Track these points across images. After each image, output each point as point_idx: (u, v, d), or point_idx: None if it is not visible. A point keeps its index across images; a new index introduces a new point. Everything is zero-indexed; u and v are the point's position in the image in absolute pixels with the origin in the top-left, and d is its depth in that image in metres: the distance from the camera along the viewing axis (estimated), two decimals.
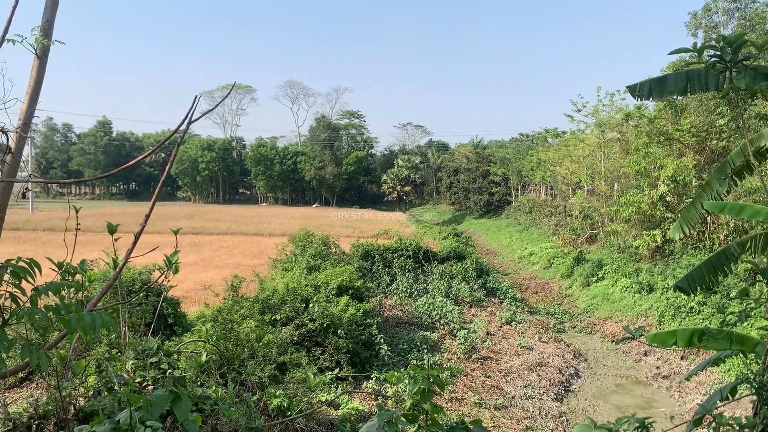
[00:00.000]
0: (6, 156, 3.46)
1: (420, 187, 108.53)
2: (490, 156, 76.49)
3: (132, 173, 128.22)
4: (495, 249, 47.40)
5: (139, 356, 5.53)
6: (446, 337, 18.71)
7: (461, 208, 78.64)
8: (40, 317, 2.78)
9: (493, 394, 14.96)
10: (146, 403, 3.01)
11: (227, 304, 13.86)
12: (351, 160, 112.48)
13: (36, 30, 3.83)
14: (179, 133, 4.04)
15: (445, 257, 26.98)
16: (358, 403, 12.36)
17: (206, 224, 54.41)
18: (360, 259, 25.24)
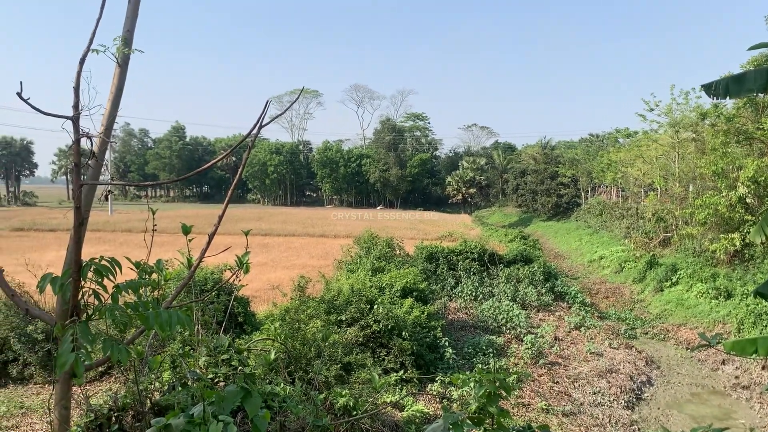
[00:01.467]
0: (90, 160, 3.66)
1: (485, 189, 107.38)
2: (558, 157, 74.81)
3: (204, 177, 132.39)
4: (563, 252, 46.35)
5: (211, 353, 5.72)
6: (512, 342, 18.43)
7: (528, 210, 77.28)
8: (120, 314, 2.93)
9: (560, 400, 14.63)
10: (219, 398, 3.12)
11: (294, 303, 14.10)
12: (415, 162, 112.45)
13: (117, 40, 4.03)
14: (251, 137, 4.15)
15: (511, 260, 26.58)
16: (423, 405, 12.34)
17: (274, 226, 55.61)
18: (424, 262, 25.19)
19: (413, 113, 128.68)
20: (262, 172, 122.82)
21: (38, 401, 13.02)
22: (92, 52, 3.46)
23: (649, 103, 36.92)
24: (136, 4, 4.53)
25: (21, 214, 70.12)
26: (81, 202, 3.42)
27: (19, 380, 14.07)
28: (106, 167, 4.22)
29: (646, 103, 37.05)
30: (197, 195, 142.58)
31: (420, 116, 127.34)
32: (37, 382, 14.05)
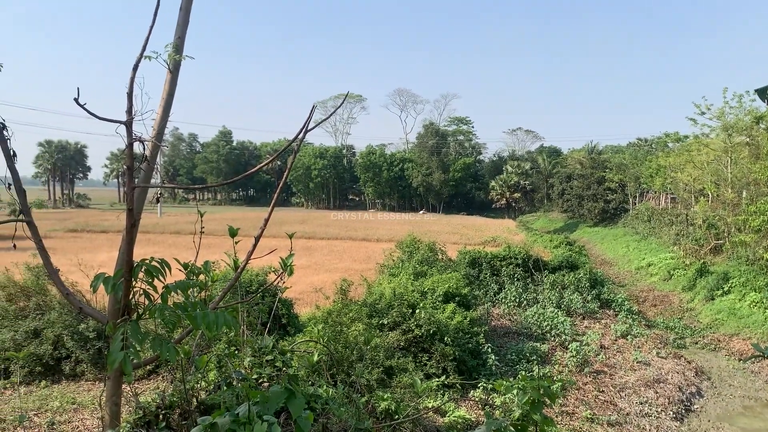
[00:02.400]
0: (142, 163, 3.77)
1: (530, 194, 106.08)
2: (605, 161, 73.33)
3: (250, 180, 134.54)
4: (610, 259, 45.40)
5: (255, 354, 5.80)
6: (557, 349, 18.13)
7: (574, 215, 75.98)
8: (170, 313, 3.00)
9: (606, 410, 14.32)
10: (263, 399, 3.16)
11: (337, 306, 14.18)
12: (458, 166, 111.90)
13: (169, 46, 4.15)
14: (296, 142, 4.20)
15: (556, 266, 26.18)
16: (465, 411, 12.24)
17: (318, 229, 56.12)
18: (467, 267, 25.02)
19: (457, 117, 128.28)
20: (306, 176, 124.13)
21: (89, 397, 13.42)
22: (145, 58, 3.57)
23: (700, 107, 35.92)
24: (187, 11, 4.64)
25: (75, 216, 72.49)
26: (133, 204, 3.52)
27: (72, 377, 14.53)
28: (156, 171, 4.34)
29: (697, 107, 36.05)
30: (243, 198, 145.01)
31: (464, 120, 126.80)
32: (88, 378, 14.48)
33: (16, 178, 3.98)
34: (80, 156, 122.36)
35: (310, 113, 3.79)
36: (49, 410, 12.59)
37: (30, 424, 11.82)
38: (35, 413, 12.45)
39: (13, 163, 3.92)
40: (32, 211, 4.22)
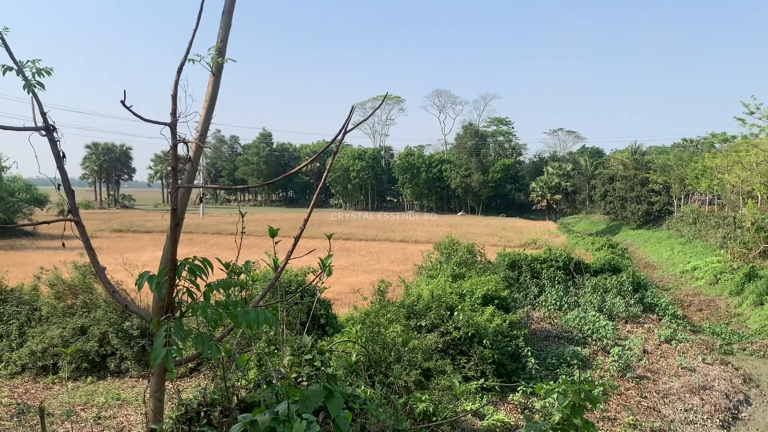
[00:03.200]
0: (186, 164, 3.84)
1: (571, 196, 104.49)
2: (649, 163, 71.72)
3: (290, 182, 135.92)
4: (654, 262, 44.39)
5: (295, 353, 5.86)
6: (598, 354, 17.81)
7: (617, 218, 74.53)
8: (212, 311, 3.05)
9: (649, 416, 13.99)
10: (302, 397, 3.19)
11: (374, 307, 14.21)
12: (498, 167, 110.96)
13: (212, 50, 4.22)
14: (335, 143, 4.23)
15: (598, 269, 25.72)
16: (504, 415, 12.12)
17: (356, 230, 56.33)
18: (506, 269, 24.78)
19: (496, 118, 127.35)
20: (345, 178, 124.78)
21: (133, 394, 13.74)
22: (189, 61, 3.64)
23: (749, 106, 34.85)
24: (230, 15, 4.72)
25: (120, 216, 74.39)
26: (177, 204, 3.59)
27: (116, 373, 14.89)
28: (199, 172, 4.43)
29: (746, 106, 34.99)
30: (283, 199, 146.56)
31: (503, 121, 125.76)
32: (132, 375, 14.82)
33: (65, 179, 4.11)
34: (125, 158, 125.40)
35: (349, 115, 3.81)
36: (95, 405, 12.93)
37: (77, 418, 12.16)
38: (82, 408, 12.81)
39: (63, 164, 4.05)
40: (80, 211, 4.34)
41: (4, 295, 16.43)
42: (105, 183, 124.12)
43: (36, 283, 17.03)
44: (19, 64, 3.98)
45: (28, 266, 23.94)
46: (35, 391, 13.92)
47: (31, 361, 14.67)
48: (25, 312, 15.85)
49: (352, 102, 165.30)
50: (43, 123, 3.97)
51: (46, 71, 3.98)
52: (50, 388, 14.19)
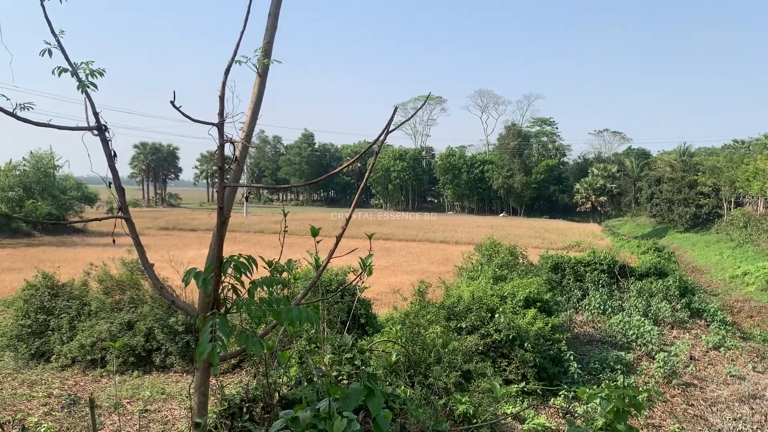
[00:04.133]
0: (232, 164, 3.92)
1: (617, 198, 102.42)
2: (697, 164, 69.80)
3: (331, 182, 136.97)
4: (702, 266, 43.16)
5: (335, 351, 5.90)
6: (643, 359, 17.41)
7: (663, 220, 72.76)
8: (256, 308, 3.10)
9: (696, 425, 13.61)
10: (343, 395, 3.21)
11: (414, 308, 14.19)
12: (541, 168, 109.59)
13: (258, 51, 4.29)
14: (377, 144, 4.24)
15: (643, 273, 25.15)
16: (545, 419, 11.97)
17: (396, 231, 56.39)
18: (549, 272, 24.45)
19: (540, 118, 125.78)
20: (385, 178, 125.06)
21: (177, 388, 14.04)
22: (235, 63, 3.71)
23: None
24: (275, 17, 4.79)
25: (166, 215, 76.13)
26: (224, 202, 3.66)
27: (162, 368, 15.25)
28: (244, 171, 4.50)
29: None
30: (324, 199, 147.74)
31: (547, 121, 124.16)
32: (176, 370, 15.15)
33: (116, 177, 4.23)
34: (172, 157, 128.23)
35: (392, 115, 3.82)
36: (141, 399, 13.27)
37: (123, 411, 12.50)
38: (128, 401, 13.16)
39: (114, 162, 4.17)
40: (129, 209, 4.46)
41: (56, 289, 17.00)
42: (152, 182, 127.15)
43: (86, 278, 17.58)
44: (74, 66, 4.11)
45: (78, 262, 24.72)
46: (84, 384, 14.37)
47: (80, 355, 15.15)
48: (75, 306, 16.37)
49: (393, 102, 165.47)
50: (95, 123, 4.10)
51: (98, 72, 4.11)
52: (98, 381, 14.63)
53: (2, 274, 24.23)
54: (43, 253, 34.11)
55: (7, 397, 13.16)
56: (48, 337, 15.91)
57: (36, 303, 16.44)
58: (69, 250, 36.81)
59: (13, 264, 28.35)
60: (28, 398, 13.15)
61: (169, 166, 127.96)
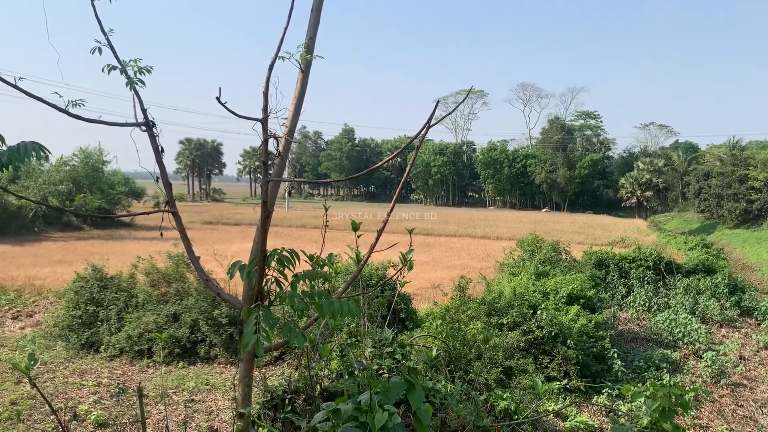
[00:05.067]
0: (276, 159, 3.97)
1: (663, 193, 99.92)
2: (749, 158, 67.52)
3: (371, 177, 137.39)
4: (753, 264, 41.80)
5: (376, 345, 5.94)
6: (690, 358, 16.99)
7: (712, 216, 70.69)
8: (298, 301, 3.15)
9: (745, 426, 13.22)
10: (384, 389, 3.23)
11: (455, 303, 14.15)
12: (585, 163, 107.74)
13: (301, 47, 4.34)
14: (418, 138, 4.24)
15: (691, 270, 24.51)
16: (588, 417, 11.80)
17: (436, 226, 56.18)
18: (593, 268, 24.06)
19: (584, 111, 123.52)
20: (426, 173, 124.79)
21: (221, 379, 14.33)
22: (279, 59, 3.76)
23: None
24: (318, 12, 4.83)
25: (210, 209, 77.55)
26: (267, 196, 3.72)
27: (206, 359, 15.57)
28: (288, 166, 4.56)
29: None
30: (364, 194, 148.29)
31: (591, 114, 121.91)
32: (220, 362, 15.45)
33: (164, 172, 4.34)
34: (216, 153, 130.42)
35: (433, 109, 3.81)
36: (186, 389, 13.58)
37: (169, 401, 12.82)
38: (173, 391, 13.49)
39: (161, 158, 4.27)
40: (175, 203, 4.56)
41: (105, 282, 17.52)
42: (197, 177, 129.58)
43: (133, 271, 18.06)
44: (122, 63, 4.23)
45: (126, 255, 25.40)
46: (131, 374, 14.78)
47: (128, 345, 15.58)
48: (123, 298, 16.84)
49: (434, 97, 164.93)
50: (143, 119, 4.20)
51: (146, 69, 4.22)
52: (145, 371, 15.03)
53: (54, 266, 25.06)
54: (93, 246, 35.14)
55: (59, 385, 13.65)
56: (97, 327, 16.41)
57: (86, 295, 16.97)
58: (117, 243, 37.85)
59: (64, 257, 29.30)
60: (79, 386, 13.61)
61: (213, 161, 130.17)
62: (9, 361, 14.91)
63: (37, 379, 13.62)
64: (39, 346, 16.36)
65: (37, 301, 19.97)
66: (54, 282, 21.26)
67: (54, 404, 12.20)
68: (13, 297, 20.19)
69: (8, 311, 19.53)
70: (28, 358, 3.41)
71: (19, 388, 13.27)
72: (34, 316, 19.16)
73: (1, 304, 19.87)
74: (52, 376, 14.30)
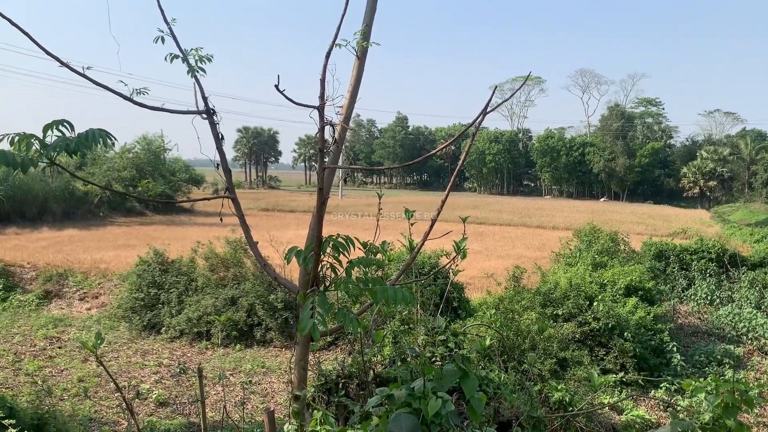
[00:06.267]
0: (332, 146, 4.01)
1: (728, 183, 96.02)
2: None
3: (424, 165, 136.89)
4: None
5: (428, 333, 5.96)
6: (754, 354, 16.37)
7: None
8: (353, 286, 3.18)
9: None
10: (438, 376, 3.24)
11: (509, 293, 14.04)
12: (646, 151, 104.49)
13: (357, 34, 4.35)
14: (474, 126, 4.20)
15: (757, 263, 23.51)
16: (644, 411, 11.55)
17: (490, 215, 55.62)
18: (652, 259, 23.38)
19: (645, 98, 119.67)
20: (480, 161, 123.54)
21: (276, 363, 14.64)
22: (336, 46, 3.78)
23: None
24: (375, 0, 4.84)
25: (267, 197, 78.94)
26: (323, 183, 3.76)
27: (262, 342, 15.94)
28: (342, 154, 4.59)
29: None
30: (417, 182, 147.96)
31: (653, 101, 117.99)
32: (275, 345, 15.79)
33: (224, 159, 4.44)
34: (273, 141, 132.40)
35: (491, 96, 3.77)
36: (242, 371, 13.95)
37: (226, 382, 13.20)
38: (231, 373, 13.87)
39: (221, 145, 4.37)
40: None
41: (166, 266, 18.11)
42: (254, 164, 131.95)
43: (193, 256, 18.61)
44: (184, 52, 4.33)
45: (186, 240, 26.14)
46: (191, 355, 15.28)
47: (187, 327, 16.10)
48: (183, 282, 17.38)
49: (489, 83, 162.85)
50: (204, 107, 4.31)
51: (207, 58, 4.31)
52: (204, 353, 15.51)
53: (118, 250, 26.04)
54: (154, 231, 36.32)
55: (122, 364, 14.24)
56: (158, 310, 16.99)
57: (148, 278, 17.58)
58: (177, 228, 38.98)
59: (127, 241, 30.40)
60: (141, 366, 14.17)
61: (269, 149, 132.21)
62: (77, 340, 15.64)
63: (102, 358, 14.26)
64: (104, 327, 17.09)
65: (102, 284, 20.81)
66: (118, 265, 22.10)
67: (118, 383, 12.73)
68: (80, 279, 21.10)
69: (75, 293, 20.44)
70: (95, 337, 3.55)
71: (86, 366, 13.92)
72: (100, 298, 19.99)
73: (70, 285, 20.80)
74: (116, 356, 14.93)
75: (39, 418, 8.43)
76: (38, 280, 21.12)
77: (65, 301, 20.05)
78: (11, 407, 7.65)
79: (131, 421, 9.81)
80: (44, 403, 10.00)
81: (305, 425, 4.20)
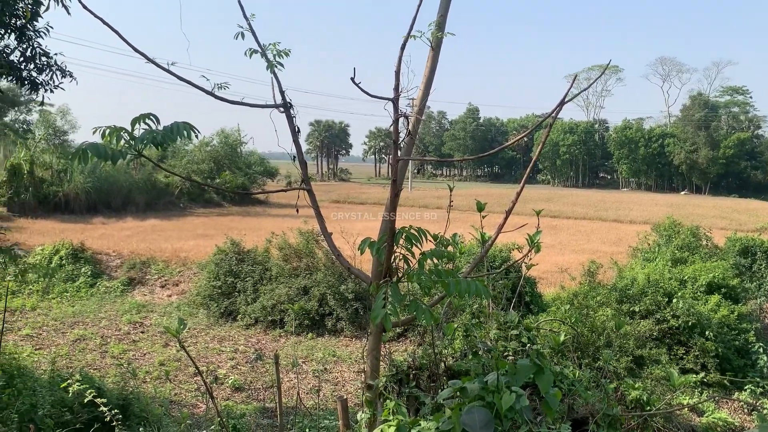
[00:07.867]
0: (406, 137, 4.03)
1: None
2: None
3: (495, 157, 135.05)
4: None
5: (501, 327, 5.88)
6: None
7: None
8: (426, 278, 3.19)
9: None
10: (511, 370, 3.21)
11: (583, 289, 13.71)
12: (731, 142, 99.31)
13: (432, 25, 4.34)
14: (551, 117, 4.11)
15: None
16: (727, 414, 11.04)
17: (564, 208, 54.34)
18: (737, 255, 22.23)
19: (730, 87, 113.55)
20: (554, 153, 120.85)
21: (347, 352, 14.87)
22: (411, 37, 3.78)
23: None
24: None
25: (338, 189, 79.99)
26: (397, 175, 3.78)
27: (333, 332, 16.22)
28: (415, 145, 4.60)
29: None
30: (488, 175, 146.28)
31: (739, 90, 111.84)
32: (346, 335, 16.03)
33: (300, 152, 4.53)
34: (343, 134, 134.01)
35: (570, 86, 3.68)
36: (314, 360, 14.24)
37: (299, 369, 13.51)
38: (303, 360, 14.19)
39: (298, 138, 4.46)
40: None
41: (242, 255, 18.68)
42: (325, 157, 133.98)
43: (267, 246, 19.11)
44: (263, 47, 4.44)
45: (261, 231, 26.83)
46: (265, 342, 15.73)
47: (262, 315, 16.58)
48: (258, 271, 17.89)
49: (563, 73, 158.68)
50: (281, 101, 4.40)
51: (284, 53, 4.40)
52: (277, 340, 15.93)
53: (197, 240, 27.03)
54: (231, 222, 37.47)
55: (201, 349, 14.82)
56: (235, 297, 17.56)
57: (225, 267, 18.19)
58: (253, 219, 40.08)
59: (205, 231, 31.50)
60: (218, 352, 14.71)
61: (340, 142, 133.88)
62: (159, 325, 16.38)
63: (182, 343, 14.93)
64: (183, 313, 17.82)
65: (182, 272, 21.68)
66: (197, 254, 22.94)
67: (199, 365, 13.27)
68: (161, 267, 22.06)
69: (157, 280, 21.40)
70: (178, 322, 3.71)
71: (167, 351, 14.57)
72: (180, 285, 20.84)
73: (152, 273, 21.79)
74: (194, 341, 15.55)
75: (124, 399, 8.88)
76: (123, 268, 22.22)
77: (148, 288, 21.02)
78: (99, 387, 8.10)
79: (210, 403, 10.21)
80: (129, 385, 10.55)
81: (378, 414, 4.25)
